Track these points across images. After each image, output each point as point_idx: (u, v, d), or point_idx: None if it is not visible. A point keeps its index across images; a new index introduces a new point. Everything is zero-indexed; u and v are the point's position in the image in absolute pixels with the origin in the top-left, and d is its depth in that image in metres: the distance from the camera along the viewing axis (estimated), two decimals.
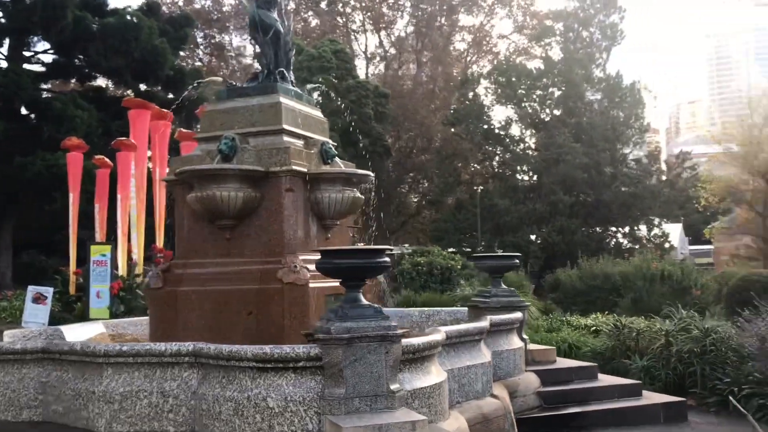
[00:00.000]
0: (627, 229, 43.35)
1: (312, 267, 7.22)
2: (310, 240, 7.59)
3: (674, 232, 47.00)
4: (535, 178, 42.06)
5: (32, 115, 28.58)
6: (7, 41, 28.90)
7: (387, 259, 5.40)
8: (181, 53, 38.20)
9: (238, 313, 7.17)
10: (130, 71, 28.80)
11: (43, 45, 30.84)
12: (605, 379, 9.01)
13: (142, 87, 31.10)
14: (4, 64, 28.86)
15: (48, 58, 30.85)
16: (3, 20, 28.18)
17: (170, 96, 29.00)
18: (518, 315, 8.44)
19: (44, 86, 32.49)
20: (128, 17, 28.52)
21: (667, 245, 43.38)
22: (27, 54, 30.53)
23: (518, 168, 42.82)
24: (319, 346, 5.22)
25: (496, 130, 44.80)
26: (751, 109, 41.10)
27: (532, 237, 38.58)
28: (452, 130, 45.15)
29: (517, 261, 9.27)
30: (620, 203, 39.93)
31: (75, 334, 8.09)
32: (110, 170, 17.03)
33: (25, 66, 29.46)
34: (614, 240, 43.39)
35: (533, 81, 44.07)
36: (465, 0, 53.71)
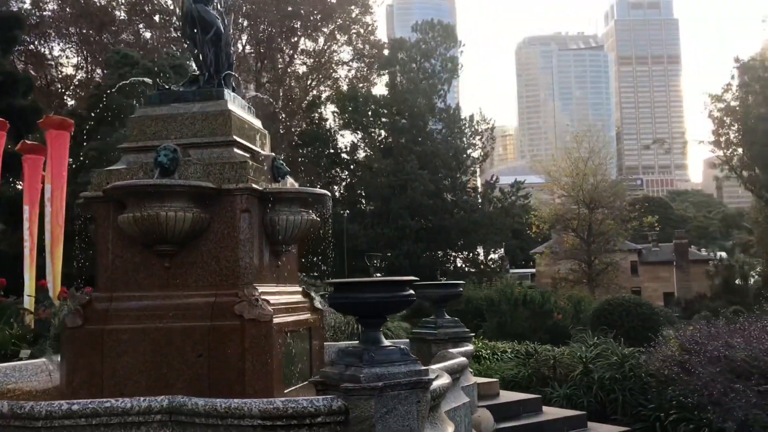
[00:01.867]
0: (466, 253, 44.82)
1: (272, 300, 6.33)
2: (264, 268, 6.64)
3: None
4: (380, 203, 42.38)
5: None
6: None
7: (413, 292, 4.70)
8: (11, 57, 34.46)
9: (183, 355, 6.04)
10: None
11: None
12: (550, 412, 8.76)
13: None
14: None
15: None
16: None
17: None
18: (470, 348, 7.97)
19: None
20: None
21: (499, 269, 45.38)
22: None
23: (364, 193, 43.02)
24: (342, 398, 4.39)
25: (343, 155, 44.73)
26: (578, 142, 44.39)
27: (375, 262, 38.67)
28: (300, 151, 44.50)
29: (462, 289, 8.84)
30: (460, 229, 41.20)
31: None
32: None
33: None
34: (454, 264, 44.68)
35: (380, 108, 44.61)
36: (305, 24, 53.31)
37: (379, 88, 49.66)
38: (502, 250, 48.06)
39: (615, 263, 44.61)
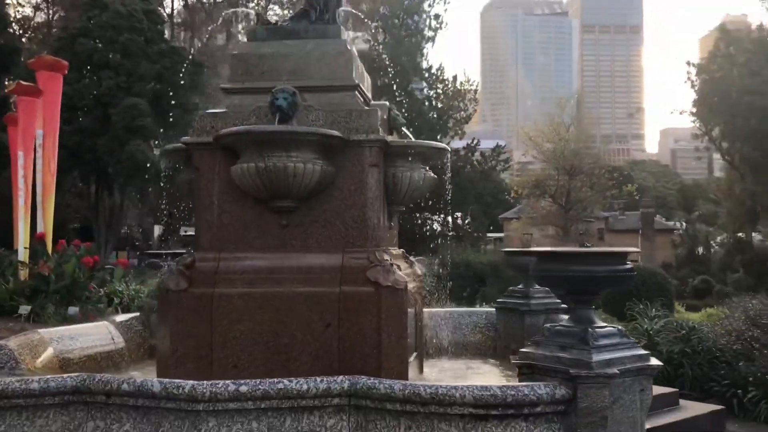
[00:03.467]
0: (443, 216, 44.52)
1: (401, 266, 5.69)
2: (384, 230, 5.96)
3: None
4: None
5: None
6: None
7: (632, 265, 4.11)
8: None
9: (309, 325, 5.38)
10: None
11: None
12: (688, 406, 7.96)
13: None
14: None
15: None
16: None
17: None
18: None
19: None
20: None
21: (478, 234, 45.29)
22: None
23: None
24: (566, 385, 3.81)
25: None
26: (560, 108, 44.13)
27: None
28: None
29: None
30: (439, 193, 40.65)
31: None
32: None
33: None
34: (431, 227, 44.39)
35: (368, 64, 43.46)
36: None
37: (357, 42, 48.37)
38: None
39: (590, 230, 44.91)
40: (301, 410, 4.01)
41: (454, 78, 44.54)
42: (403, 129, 6.41)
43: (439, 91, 43.80)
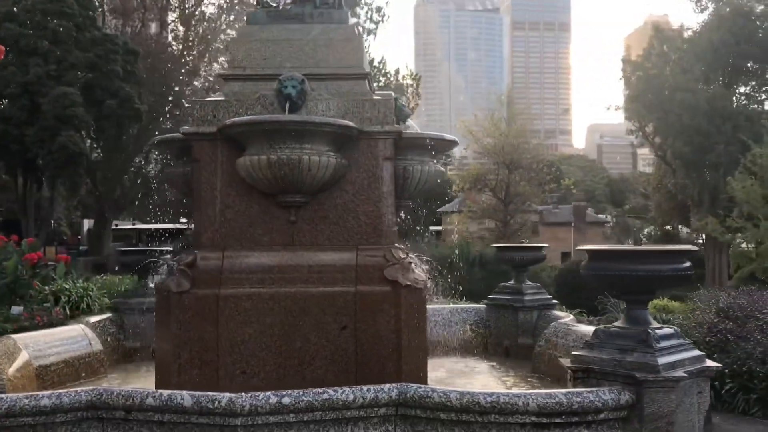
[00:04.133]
0: None
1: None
2: (394, 225, 5.68)
3: None
4: None
5: None
6: None
7: (690, 264, 3.96)
8: None
9: (323, 327, 5.06)
10: None
11: None
12: None
13: None
14: None
15: None
16: None
17: None
18: (571, 316, 7.37)
19: None
20: None
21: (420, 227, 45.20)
22: None
23: None
24: (629, 390, 3.63)
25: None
26: (500, 103, 44.57)
27: None
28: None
29: (545, 253, 8.15)
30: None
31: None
32: None
33: None
34: None
35: None
36: None
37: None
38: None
39: (527, 223, 45.62)
40: (345, 422, 3.72)
41: (396, 71, 44.49)
42: (409, 120, 6.13)
43: (382, 84, 43.60)
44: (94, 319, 7.30)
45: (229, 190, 5.28)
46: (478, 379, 6.34)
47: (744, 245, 28.43)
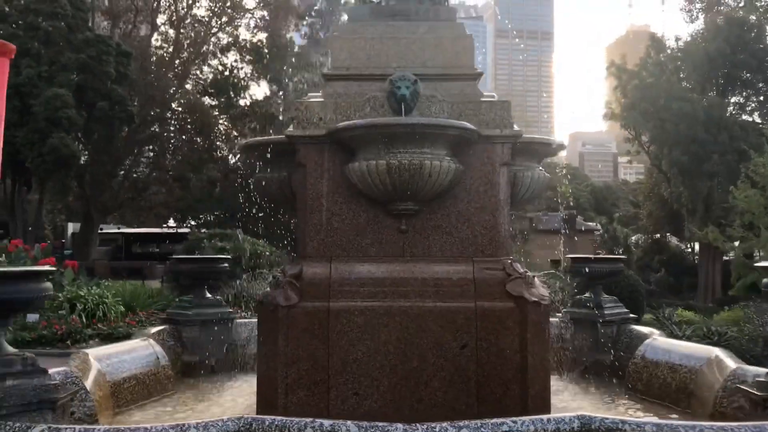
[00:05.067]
0: None
1: None
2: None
3: None
4: None
5: None
6: None
7: None
8: None
9: (442, 345, 4.70)
10: None
11: None
12: None
13: None
14: None
15: None
16: None
17: None
18: (657, 332, 7.07)
19: None
20: None
21: None
22: None
23: None
24: None
25: (255, 108, 42.43)
26: None
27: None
28: (208, 101, 41.73)
29: (623, 265, 7.84)
30: None
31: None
32: None
33: None
34: None
35: (296, 59, 42.64)
36: None
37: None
38: None
39: (523, 231, 45.57)
40: None
41: None
42: None
43: None
44: (153, 330, 6.87)
45: (335, 197, 4.92)
46: (575, 400, 5.99)
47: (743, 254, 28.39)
